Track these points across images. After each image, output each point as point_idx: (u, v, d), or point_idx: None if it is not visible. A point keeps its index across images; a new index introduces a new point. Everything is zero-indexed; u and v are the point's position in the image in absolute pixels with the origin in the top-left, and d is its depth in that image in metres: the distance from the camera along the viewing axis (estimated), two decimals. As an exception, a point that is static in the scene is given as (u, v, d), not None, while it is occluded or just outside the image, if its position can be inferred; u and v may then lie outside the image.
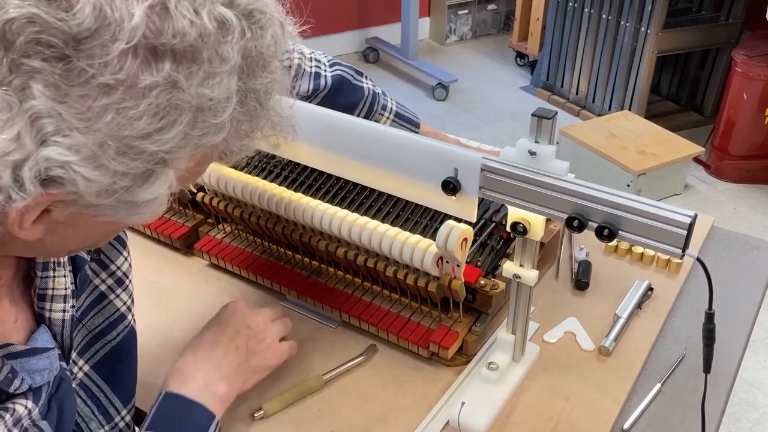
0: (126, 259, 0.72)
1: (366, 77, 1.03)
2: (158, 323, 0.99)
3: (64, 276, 0.63)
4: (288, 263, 1.03)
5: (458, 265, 0.84)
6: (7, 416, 0.53)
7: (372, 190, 0.99)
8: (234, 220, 1.05)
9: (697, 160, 3.00)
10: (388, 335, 0.92)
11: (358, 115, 1.01)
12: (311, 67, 0.98)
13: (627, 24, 3.09)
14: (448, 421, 0.83)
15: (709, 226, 1.16)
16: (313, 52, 0.99)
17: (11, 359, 0.54)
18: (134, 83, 0.43)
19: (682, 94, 3.46)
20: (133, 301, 0.74)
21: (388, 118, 1.05)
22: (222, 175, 0.99)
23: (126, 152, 0.44)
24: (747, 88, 2.82)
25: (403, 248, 0.85)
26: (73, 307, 0.64)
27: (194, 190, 1.07)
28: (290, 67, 0.96)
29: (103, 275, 0.69)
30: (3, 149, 0.42)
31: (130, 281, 0.73)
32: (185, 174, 0.52)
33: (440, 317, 0.92)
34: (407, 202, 0.96)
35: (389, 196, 0.97)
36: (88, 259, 0.68)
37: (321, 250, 0.96)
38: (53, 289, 0.61)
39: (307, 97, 0.98)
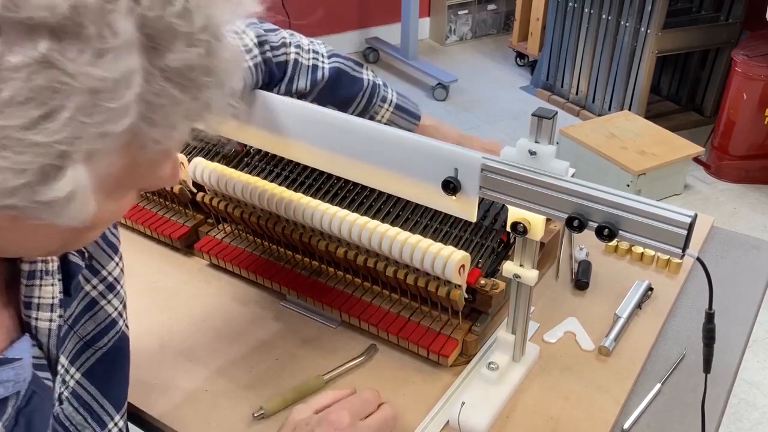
0: (117, 264, 0.70)
1: (366, 68, 1.00)
2: (158, 323, 0.99)
3: (52, 285, 0.60)
4: (288, 263, 1.03)
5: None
6: None
7: (372, 190, 0.99)
8: (234, 220, 1.05)
9: (697, 160, 3.01)
10: (388, 335, 0.92)
11: (356, 107, 0.99)
12: (309, 60, 0.95)
13: (627, 24, 3.09)
14: (448, 421, 0.83)
15: (709, 226, 1.16)
16: (312, 43, 0.97)
17: None
18: None
19: (682, 94, 3.46)
20: (125, 306, 0.72)
21: (387, 110, 1.01)
22: (222, 175, 0.99)
23: (7, 145, 0.39)
24: (747, 88, 2.82)
25: (414, 253, 0.85)
26: (60, 316, 0.61)
27: (194, 190, 1.07)
28: (287, 62, 0.93)
29: (94, 281, 0.67)
30: None
31: (121, 287, 0.71)
32: (120, 169, 0.46)
33: (440, 317, 0.92)
34: (407, 202, 0.96)
35: (389, 196, 0.97)
36: (83, 266, 0.65)
37: (321, 250, 0.96)
38: (39, 297, 0.58)
39: (307, 93, 0.95)
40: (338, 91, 0.97)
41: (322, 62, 0.96)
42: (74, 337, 0.67)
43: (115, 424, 0.72)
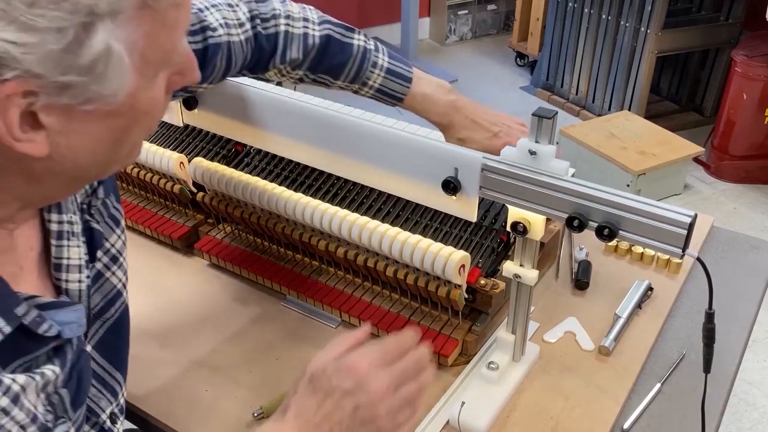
0: (119, 237, 0.72)
1: (358, 33, 0.97)
2: (158, 323, 0.99)
3: (78, 246, 0.63)
4: (288, 263, 1.03)
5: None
6: (38, 378, 0.54)
7: (372, 190, 0.99)
8: (234, 220, 1.05)
9: (697, 160, 3.00)
10: (388, 335, 0.92)
11: (348, 74, 0.95)
12: (299, 28, 0.92)
13: (627, 24, 3.09)
14: (448, 421, 0.83)
15: (709, 226, 1.16)
16: (303, 9, 0.94)
17: (40, 310, 0.55)
18: None
19: (682, 94, 3.46)
20: (127, 278, 0.73)
21: (379, 75, 0.96)
22: (222, 175, 0.99)
23: (40, 4, 0.43)
24: (747, 88, 2.82)
25: (414, 253, 0.85)
26: (88, 277, 0.64)
27: (194, 190, 1.07)
28: (277, 34, 0.91)
29: (99, 253, 0.68)
30: None
31: (124, 258, 0.72)
32: (145, 29, 0.50)
33: (440, 317, 0.92)
34: (407, 201, 0.96)
35: (389, 195, 0.98)
36: (104, 234, 0.68)
37: (321, 250, 0.96)
38: (68, 258, 0.61)
39: (300, 62, 0.93)
40: (329, 59, 0.94)
41: (313, 29, 0.93)
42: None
43: (122, 395, 0.73)
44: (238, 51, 0.88)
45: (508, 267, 0.80)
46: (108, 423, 0.68)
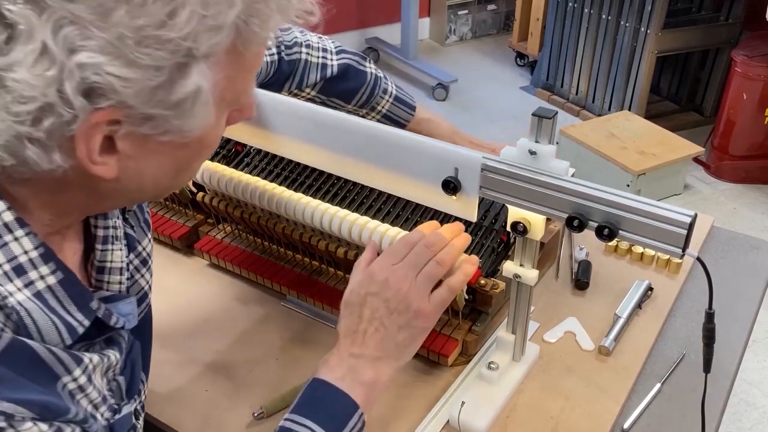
0: (150, 240, 0.74)
1: (369, 61, 1.07)
2: (158, 323, 0.98)
3: (120, 249, 0.65)
4: (288, 263, 1.03)
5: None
6: (105, 360, 0.58)
7: (372, 190, 0.99)
8: (234, 220, 1.05)
9: (697, 160, 3.00)
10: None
11: (360, 99, 1.06)
12: (318, 58, 1.02)
13: (627, 24, 3.09)
14: (448, 421, 0.83)
15: (709, 226, 1.16)
16: (321, 40, 1.03)
17: (104, 302, 0.59)
18: None
19: (682, 94, 3.46)
20: (151, 280, 0.76)
21: (387, 101, 1.08)
22: (222, 175, 0.99)
23: (147, 43, 0.46)
24: (747, 88, 2.82)
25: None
26: (128, 279, 0.66)
27: (194, 190, 1.07)
28: (298, 61, 1.00)
29: (131, 256, 0.70)
30: (41, 67, 0.45)
31: (151, 261, 0.74)
32: (228, 72, 0.53)
33: (440, 317, 0.91)
34: (407, 201, 0.96)
35: (389, 195, 0.97)
36: (136, 239, 0.70)
37: (321, 250, 0.96)
38: (111, 261, 0.64)
39: (313, 86, 1.03)
40: (344, 85, 1.04)
41: (331, 60, 1.03)
42: None
43: (145, 394, 0.75)
44: (262, 71, 0.97)
45: (508, 267, 0.80)
46: (132, 419, 0.70)
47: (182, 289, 1.05)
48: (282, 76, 1.00)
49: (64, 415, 0.52)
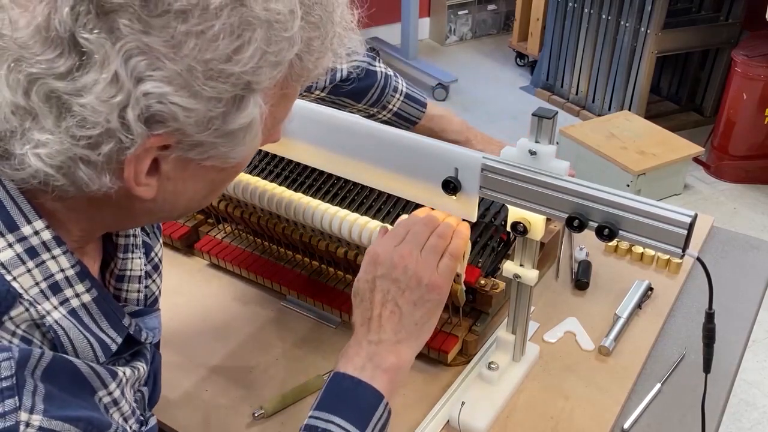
0: (161, 246, 0.75)
1: (379, 60, 1.07)
2: (158, 323, 0.98)
3: (139, 258, 0.66)
4: (288, 263, 1.03)
5: (459, 275, 0.84)
6: (136, 373, 0.59)
7: (372, 190, 0.99)
8: (234, 220, 1.05)
9: (697, 160, 3.00)
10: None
11: (371, 98, 1.05)
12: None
13: (627, 24, 3.09)
14: (448, 421, 0.83)
15: (709, 226, 1.16)
16: None
17: (132, 317, 0.60)
18: (206, 6, 0.46)
19: (682, 94, 3.46)
20: (161, 284, 0.77)
21: (399, 99, 1.08)
22: (222, 175, 0.99)
23: (213, 76, 0.47)
24: (747, 88, 2.82)
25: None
26: (146, 287, 0.67)
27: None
28: None
29: (144, 261, 0.71)
30: (107, 94, 0.45)
31: (162, 266, 0.75)
32: (273, 102, 0.54)
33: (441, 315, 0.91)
34: (407, 201, 0.96)
35: (389, 196, 0.97)
36: (152, 245, 0.71)
37: (321, 250, 0.95)
38: (131, 270, 0.65)
39: (323, 88, 1.02)
40: (354, 85, 1.03)
41: (341, 63, 1.01)
42: None
43: (157, 399, 0.76)
44: None
45: (508, 267, 0.80)
46: (157, 430, 0.71)
47: (182, 289, 1.05)
48: None
49: (105, 430, 0.52)
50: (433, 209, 0.80)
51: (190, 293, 1.05)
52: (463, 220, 0.79)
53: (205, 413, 0.85)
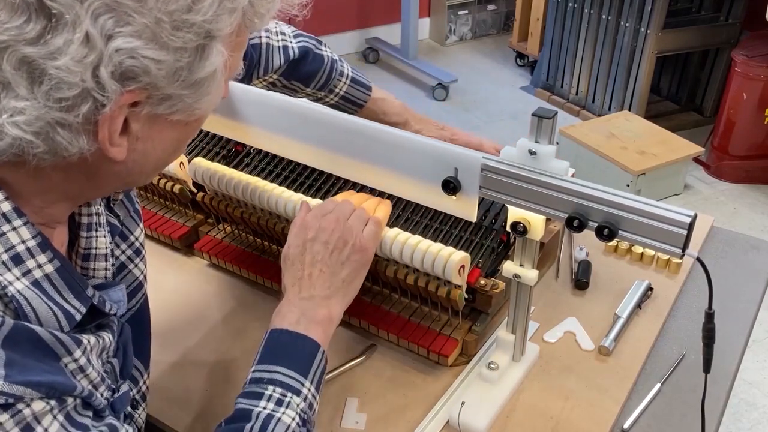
0: (142, 230, 0.75)
1: (325, 45, 1.08)
2: (158, 323, 0.98)
3: (104, 236, 0.66)
4: (288, 263, 1.03)
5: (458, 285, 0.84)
6: (101, 341, 0.59)
7: (372, 190, 0.98)
8: (234, 220, 1.05)
9: (697, 160, 3.00)
10: (388, 335, 0.92)
11: (318, 82, 1.06)
12: (279, 41, 1.02)
13: (627, 24, 3.09)
14: (448, 421, 0.83)
15: (709, 226, 1.16)
16: (277, 24, 1.03)
17: (97, 290, 0.61)
18: None
19: (682, 94, 3.46)
20: (146, 271, 0.77)
21: (345, 83, 1.09)
22: (222, 175, 0.99)
23: (179, 26, 0.49)
24: (747, 88, 2.82)
25: (414, 253, 0.85)
26: (113, 265, 0.67)
27: (194, 190, 1.07)
28: (260, 45, 1.00)
29: (123, 246, 0.71)
30: (80, 54, 0.46)
31: (145, 251, 0.75)
32: (230, 50, 0.56)
33: (440, 317, 0.92)
34: (407, 201, 0.96)
35: (389, 195, 0.97)
36: (119, 227, 0.71)
37: (321, 250, 0.95)
38: (96, 248, 0.65)
39: (276, 70, 1.03)
40: (304, 68, 1.05)
41: (291, 42, 1.03)
42: None
43: (144, 383, 0.76)
44: None
45: (508, 267, 0.80)
46: (128, 408, 0.70)
47: (182, 289, 1.05)
48: (252, 62, 1.00)
49: (70, 393, 0.53)
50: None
51: (190, 293, 1.05)
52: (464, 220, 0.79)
53: (204, 413, 0.86)
